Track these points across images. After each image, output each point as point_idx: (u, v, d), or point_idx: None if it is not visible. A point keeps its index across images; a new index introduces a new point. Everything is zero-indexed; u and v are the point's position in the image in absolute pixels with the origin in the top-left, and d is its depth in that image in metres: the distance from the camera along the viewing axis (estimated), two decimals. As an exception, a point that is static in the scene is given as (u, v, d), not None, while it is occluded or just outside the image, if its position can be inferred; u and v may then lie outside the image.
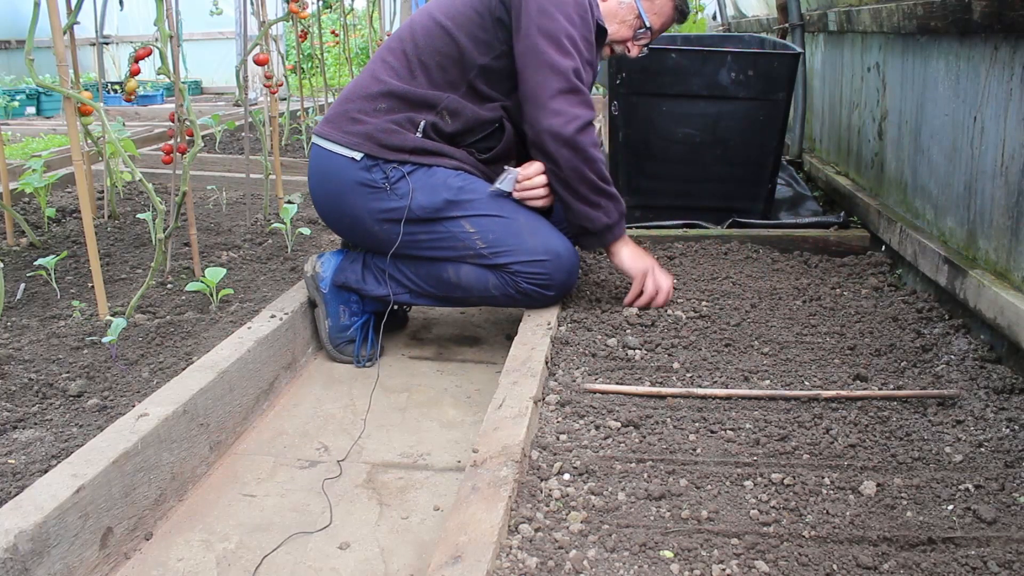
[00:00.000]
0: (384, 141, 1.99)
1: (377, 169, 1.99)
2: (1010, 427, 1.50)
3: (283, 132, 4.59)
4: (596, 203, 2.00)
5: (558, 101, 1.92)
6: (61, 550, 1.24)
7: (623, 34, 2.14)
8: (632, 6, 2.11)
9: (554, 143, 1.93)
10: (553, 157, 1.95)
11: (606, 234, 2.05)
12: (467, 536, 1.14)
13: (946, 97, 2.18)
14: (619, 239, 2.08)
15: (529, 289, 1.98)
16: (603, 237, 2.06)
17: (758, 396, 1.62)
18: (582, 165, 1.95)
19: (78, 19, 2.29)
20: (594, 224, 2.02)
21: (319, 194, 2.10)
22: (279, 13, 4.55)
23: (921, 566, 1.13)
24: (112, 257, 2.60)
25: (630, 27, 2.13)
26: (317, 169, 2.09)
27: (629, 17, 2.12)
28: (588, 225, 2.03)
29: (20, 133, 5.91)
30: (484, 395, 2.00)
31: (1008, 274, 1.84)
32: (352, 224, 2.08)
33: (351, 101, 2.05)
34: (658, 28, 2.18)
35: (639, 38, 2.15)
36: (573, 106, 1.93)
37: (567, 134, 1.92)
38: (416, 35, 2.05)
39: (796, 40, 3.62)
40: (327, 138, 2.05)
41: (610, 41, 2.15)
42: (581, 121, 1.93)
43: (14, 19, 8.38)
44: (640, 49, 2.19)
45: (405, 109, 2.01)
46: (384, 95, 2.02)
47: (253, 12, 3.29)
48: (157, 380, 1.73)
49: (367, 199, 2.00)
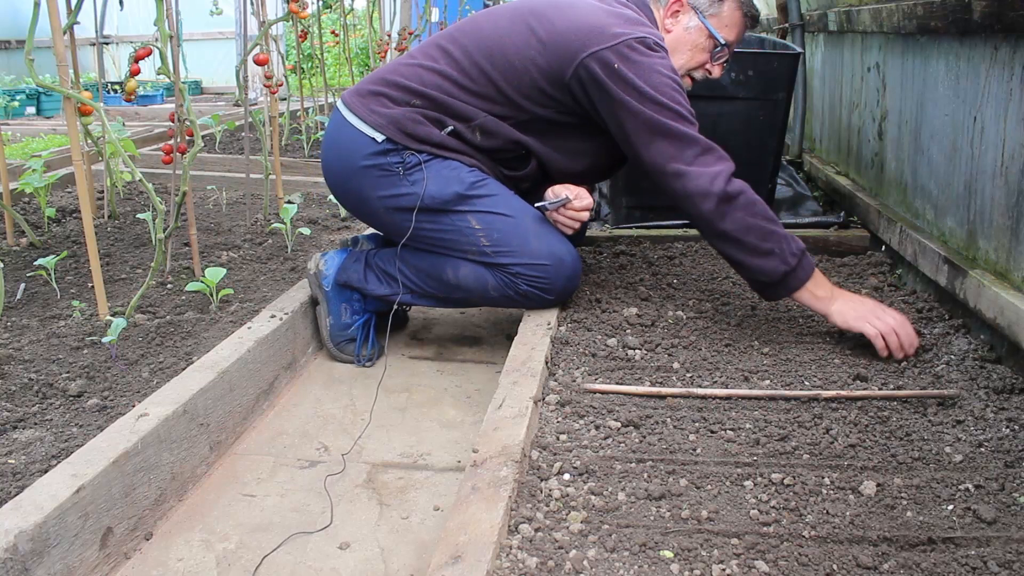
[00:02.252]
0: (410, 130, 1.98)
1: (395, 154, 1.98)
2: (1010, 427, 1.50)
3: (283, 132, 4.59)
4: (768, 251, 1.84)
5: (698, 163, 1.84)
6: (61, 550, 1.24)
7: (699, 59, 2.06)
8: (701, 27, 2.03)
9: (706, 202, 1.83)
10: (709, 219, 1.85)
11: (789, 280, 1.86)
12: (467, 536, 1.14)
13: (946, 97, 2.17)
14: (807, 282, 1.86)
15: (529, 291, 1.97)
16: (787, 284, 1.87)
17: (758, 396, 1.62)
18: (741, 213, 1.83)
19: (78, 19, 2.29)
20: (771, 276, 1.86)
21: (330, 164, 2.09)
22: (279, 13, 4.54)
23: (921, 566, 1.13)
24: (112, 257, 2.60)
25: (704, 49, 2.05)
26: (334, 139, 2.07)
27: (701, 39, 2.04)
28: (765, 278, 1.87)
29: (20, 133, 5.91)
30: (484, 395, 2.00)
31: (1008, 274, 1.84)
32: (359, 202, 2.08)
33: (388, 85, 2.02)
34: (734, 40, 2.08)
35: (717, 57, 2.07)
36: (710, 165, 1.85)
37: (717, 190, 1.82)
38: (478, 52, 1.97)
39: (796, 40, 3.62)
40: (352, 111, 2.03)
41: (687, 71, 2.07)
42: (726, 174, 1.84)
43: (14, 19, 8.38)
44: (722, 67, 2.11)
45: (439, 112, 1.99)
46: (422, 95, 1.99)
47: (253, 12, 3.29)
48: (157, 380, 1.73)
49: (376, 182, 1.99)
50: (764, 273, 1.86)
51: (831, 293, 1.87)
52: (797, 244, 1.86)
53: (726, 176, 1.84)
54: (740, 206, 1.83)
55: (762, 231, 1.84)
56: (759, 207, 1.85)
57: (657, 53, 1.91)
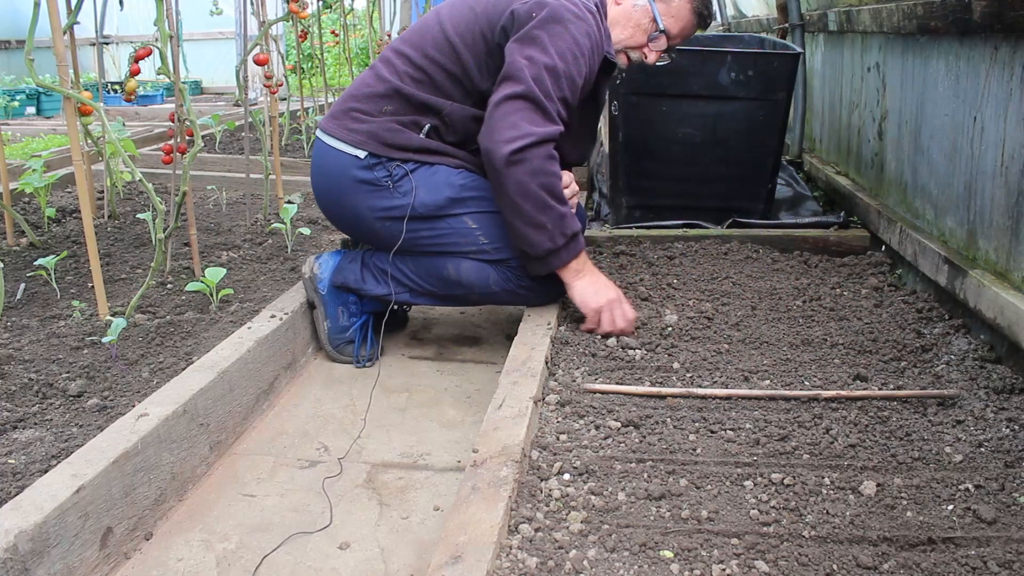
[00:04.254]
0: (388, 140, 1.99)
1: (380, 167, 1.99)
2: (1010, 427, 1.50)
3: (283, 132, 4.59)
4: (540, 223, 1.84)
5: (517, 116, 1.82)
6: (61, 550, 1.24)
7: (637, 39, 2.07)
8: (647, 9, 2.04)
9: (496, 154, 1.81)
10: (497, 171, 1.83)
11: (550, 259, 1.89)
12: (467, 536, 1.14)
13: (946, 97, 2.17)
14: (565, 266, 1.90)
15: (532, 284, 1.98)
16: (547, 263, 1.90)
17: (758, 396, 1.62)
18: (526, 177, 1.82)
19: (78, 19, 2.29)
20: (534, 248, 1.87)
21: (321, 190, 2.10)
22: (279, 13, 4.55)
23: (921, 566, 1.13)
24: (112, 257, 2.60)
25: (644, 31, 2.06)
26: (319, 165, 2.09)
27: (644, 21, 2.05)
28: (528, 249, 1.89)
29: (20, 133, 5.91)
30: (484, 395, 2.00)
31: (1008, 274, 1.84)
32: (354, 222, 2.08)
33: (356, 99, 2.04)
34: (675, 32, 2.08)
35: (654, 41, 2.07)
36: (532, 124, 1.82)
37: (512, 146, 1.80)
38: (425, 42, 2.01)
39: (796, 40, 3.62)
40: (331, 134, 2.04)
41: (624, 48, 2.08)
42: (535, 138, 1.81)
43: (14, 19, 8.38)
44: (658, 56, 2.10)
45: (410, 112, 2.00)
46: (389, 96, 2.00)
47: (253, 12, 3.29)
48: (157, 380, 1.73)
49: (368, 197, 2.00)
50: (528, 244, 1.87)
51: (583, 267, 1.92)
52: (572, 226, 1.87)
53: (534, 139, 1.80)
54: (529, 170, 1.81)
55: (540, 202, 1.82)
56: (547, 180, 1.83)
57: (579, 19, 1.89)
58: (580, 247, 1.91)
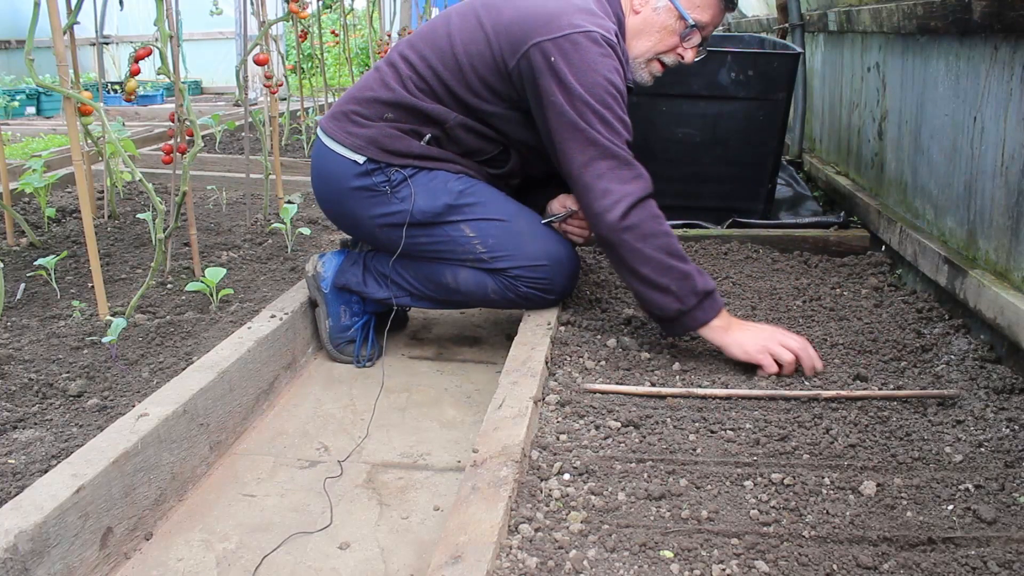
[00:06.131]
0: (389, 147, 1.96)
1: (379, 173, 1.97)
2: (1010, 427, 1.50)
3: (283, 132, 4.59)
4: (663, 286, 1.76)
5: (607, 178, 1.77)
6: (61, 550, 1.24)
7: (668, 42, 1.94)
8: (670, 8, 1.91)
9: (603, 224, 1.77)
10: (607, 242, 1.80)
11: (684, 320, 1.77)
12: (467, 536, 1.14)
13: (946, 97, 2.17)
14: (706, 325, 1.77)
15: (529, 293, 1.97)
16: (682, 323, 1.78)
17: (758, 396, 1.62)
18: (639, 243, 1.76)
19: (78, 19, 2.29)
20: (664, 311, 1.78)
21: (321, 192, 2.10)
22: (279, 13, 4.54)
23: (921, 566, 1.13)
24: (112, 257, 2.60)
25: (673, 31, 1.93)
26: (319, 168, 2.08)
27: (670, 21, 1.92)
28: (659, 312, 1.80)
29: (20, 133, 5.91)
30: (484, 395, 2.00)
31: (1008, 274, 1.84)
32: (354, 225, 2.09)
33: (357, 102, 2.00)
34: (707, 21, 1.94)
35: (688, 39, 1.94)
36: (623, 183, 1.77)
37: (616, 214, 1.75)
38: (432, 53, 1.94)
39: (796, 40, 3.62)
40: (330, 135, 2.02)
41: (656, 55, 1.96)
42: (632, 199, 1.76)
43: (14, 19, 8.38)
44: (696, 51, 1.97)
45: (412, 121, 1.96)
46: (392, 105, 1.96)
47: (253, 12, 3.29)
48: (157, 380, 1.73)
49: (367, 204, 1.99)
50: (656, 307, 1.79)
51: (728, 324, 1.77)
52: (702, 283, 1.75)
53: (632, 200, 1.76)
54: (640, 236, 1.75)
55: (660, 265, 1.75)
56: (662, 240, 1.76)
57: (602, 50, 1.81)
58: (718, 305, 1.77)
